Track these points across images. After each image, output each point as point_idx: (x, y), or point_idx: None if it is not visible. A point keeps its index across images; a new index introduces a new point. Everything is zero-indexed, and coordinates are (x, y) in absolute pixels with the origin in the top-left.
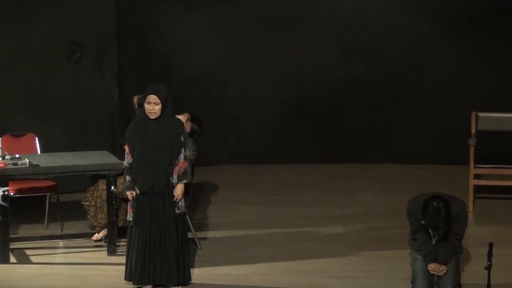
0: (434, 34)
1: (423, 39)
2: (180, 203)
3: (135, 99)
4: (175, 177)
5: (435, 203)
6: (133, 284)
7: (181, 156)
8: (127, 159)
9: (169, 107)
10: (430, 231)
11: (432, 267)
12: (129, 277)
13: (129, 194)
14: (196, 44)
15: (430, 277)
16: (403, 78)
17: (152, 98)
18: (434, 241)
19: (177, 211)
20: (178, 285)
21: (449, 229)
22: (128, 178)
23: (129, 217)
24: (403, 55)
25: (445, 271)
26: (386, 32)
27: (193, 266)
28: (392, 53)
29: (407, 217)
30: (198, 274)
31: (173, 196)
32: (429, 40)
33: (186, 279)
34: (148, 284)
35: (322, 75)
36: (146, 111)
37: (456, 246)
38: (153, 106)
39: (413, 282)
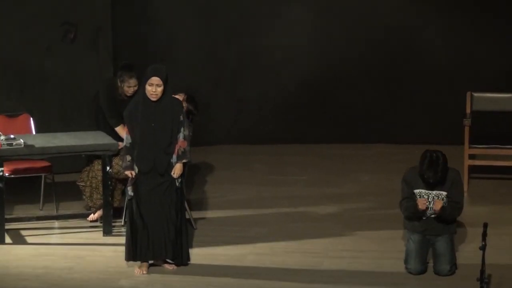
0: (430, 13)
1: (419, 19)
2: (177, 181)
3: (118, 76)
4: (174, 156)
5: (434, 154)
6: (141, 261)
7: (181, 136)
8: (127, 139)
9: (170, 87)
10: (421, 189)
11: (421, 201)
12: (128, 257)
13: (129, 173)
14: (193, 23)
15: (422, 256)
16: (398, 58)
17: (155, 80)
18: (427, 211)
19: (176, 184)
20: (177, 265)
21: (441, 181)
22: (128, 158)
23: (130, 191)
24: (398, 36)
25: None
26: (382, 12)
27: (189, 247)
28: (387, 33)
29: (401, 184)
30: (194, 254)
31: (172, 177)
32: (425, 19)
33: (184, 259)
34: (152, 259)
35: (318, 56)
36: (148, 93)
37: (457, 211)
38: (155, 88)
39: (406, 261)
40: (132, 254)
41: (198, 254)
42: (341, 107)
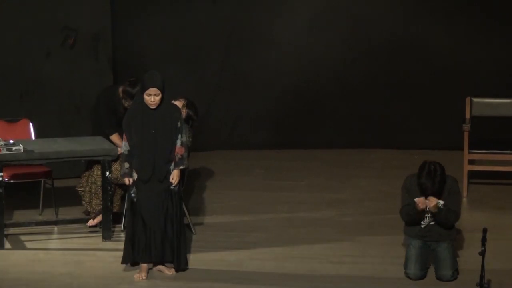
0: (430, 18)
1: (418, 24)
2: (175, 186)
3: (121, 89)
4: (172, 163)
5: (432, 165)
6: (141, 262)
7: (178, 142)
8: (125, 146)
9: (167, 94)
10: (423, 191)
11: (420, 200)
12: (125, 259)
13: (126, 181)
14: (192, 29)
15: (422, 262)
16: (397, 63)
17: (153, 90)
18: (426, 220)
19: (175, 190)
20: (176, 270)
21: (440, 191)
22: (126, 165)
23: (133, 193)
24: (397, 41)
25: (434, 202)
26: (381, 18)
27: (188, 252)
28: (386, 38)
29: (401, 192)
30: (193, 259)
31: (170, 183)
32: (424, 25)
33: (183, 264)
34: (151, 261)
35: (318, 61)
36: (146, 102)
37: (452, 214)
38: (154, 98)
39: (405, 266)
40: (131, 255)
41: (197, 260)
42: (340, 113)
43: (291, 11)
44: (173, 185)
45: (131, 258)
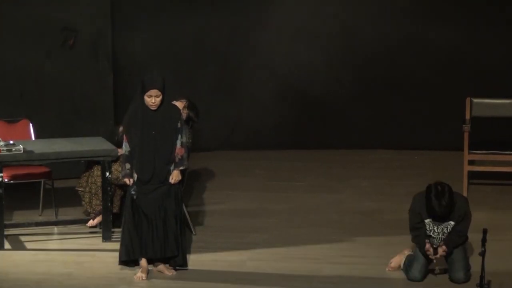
0: (428, 18)
1: (418, 25)
2: (175, 186)
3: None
4: (172, 164)
5: (439, 187)
6: (143, 257)
7: (178, 143)
8: (126, 147)
9: (167, 95)
10: (430, 219)
11: (429, 250)
12: (126, 256)
13: (127, 181)
14: (192, 30)
15: (426, 266)
16: (397, 63)
17: (154, 92)
18: (436, 241)
19: (174, 188)
20: (175, 269)
21: (449, 213)
22: (128, 165)
23: (133, 191)
24: (397, 40)
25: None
26: (380, 17)
27: (188, 252)
28: (385, 38)
29: (409, 214)
30: (193, 260)
31: (170, 183)
32: (423, 24)
33: (184, 263)
34: (153, 256)
35: (317, 62)
36: (147, 103)
37: (460, 240)
38: (154, 99)
39: (408, 270)
40: (130, 251)
41: (197, 260)
42: (340, 113)
43: (291, 12)
44: (173, 186)
45: (130, 255)
